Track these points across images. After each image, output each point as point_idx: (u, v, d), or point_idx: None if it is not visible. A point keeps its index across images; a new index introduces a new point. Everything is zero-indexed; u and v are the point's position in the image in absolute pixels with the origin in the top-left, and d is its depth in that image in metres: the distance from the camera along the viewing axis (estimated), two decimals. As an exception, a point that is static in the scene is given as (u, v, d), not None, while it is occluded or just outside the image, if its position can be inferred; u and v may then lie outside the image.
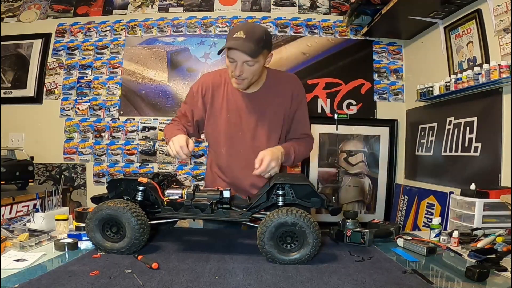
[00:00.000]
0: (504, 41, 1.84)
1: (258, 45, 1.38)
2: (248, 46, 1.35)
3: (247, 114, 1.56)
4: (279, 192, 1.22)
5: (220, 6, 3.07)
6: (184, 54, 3.02)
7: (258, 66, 1.44)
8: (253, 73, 1.45)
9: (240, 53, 1.37)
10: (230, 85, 1.57)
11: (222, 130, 1.57)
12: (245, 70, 1.42)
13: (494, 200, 1.48)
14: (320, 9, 3.05)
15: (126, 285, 0.89)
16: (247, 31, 1.37)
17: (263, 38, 1.40)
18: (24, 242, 1.17)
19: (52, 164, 3.02)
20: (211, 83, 1.60)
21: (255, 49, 1.37)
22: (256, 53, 1.38)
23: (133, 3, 3.10)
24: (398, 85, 2.98)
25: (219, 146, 1.60)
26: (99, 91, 3.03)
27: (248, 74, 1.44)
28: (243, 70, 1.42)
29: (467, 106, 2.12)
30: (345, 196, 2.92)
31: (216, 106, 1.58)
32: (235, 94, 1.57)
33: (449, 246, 1.31)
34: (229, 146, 1.58)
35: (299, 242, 1.10)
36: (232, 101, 1.57)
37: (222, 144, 1.59)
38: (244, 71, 1.42)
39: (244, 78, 1.45)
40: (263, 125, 1.56)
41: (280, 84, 1.59)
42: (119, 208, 1.11)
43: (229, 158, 1.59)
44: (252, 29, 1.40)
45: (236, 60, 1.40)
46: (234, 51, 1.38)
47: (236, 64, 1.41)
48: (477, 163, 2.01)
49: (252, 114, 1.56)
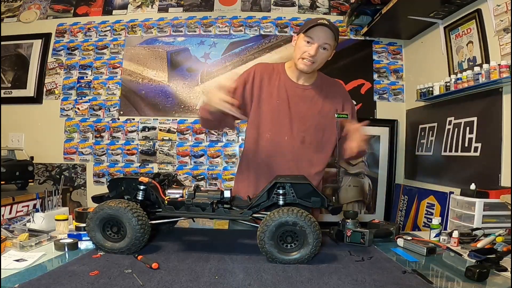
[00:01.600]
0: (504, 41, 1.84)
1: (337, 33, 1.52)
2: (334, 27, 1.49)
3: (297, 103, 1.60)
4: (279, 192, 1.22)
5: (220, 6, 3.07)
6: (184, 54, 3.02)
7: (328, 54, 1.54)
8: (323, 59, 1.54)
9: (324, 33, 1.47)
10: (283, 75, 1.63)
11: (269, 115, 1.59)
12: (318, 53, 1.50)
13: (494, 200, 1.48)
14: (320, 9, 3.05)
15: (126, 285, 0.89)
16: (328, 21, 1.49)
17: (338, 31, 1.53)
18: (24, 242, 1.17)
19: (52, 164, 3.02)
20: (263, 71, 1.64)
21: (336, 34, 1.50)
22: (336, 36, 1.50)
23: (133, 3, 3.10)
24: (398, 85, 2.98)
25: (264, 130, 1.60)
26: (99, 91, 3.03)
27: (319, 58, 1.52)
28: (318, 52, 1.50)
29: (467, 106, 2.12)
30: (345, 196, 2.92)
31: (267, 92, 1.61)
32: (288, 84, 1.62)
33: (449, 246, 1.31)
34: (275, 132, 1.59)
35: (300, 241, 1.10)
36: (284, 90, 1.61)
37: (268, 129, 1.60)
38: (317, 53, 1.50)
39: (314, 62, 1.52)
40: (312, 117, 1.60)
41: (330, 86, 1.69)
42: (120, 208, 1.12)
43: (273, 143, 1.59)
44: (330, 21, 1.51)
45: (315, 41, 1.49)
46: (319, 30, 1.47)
47: (313, 45, 1.49)
48: (477, 163, 2.01)
49: (302, 104, 1.60)
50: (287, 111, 1.59)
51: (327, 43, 1.50)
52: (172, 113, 2.99)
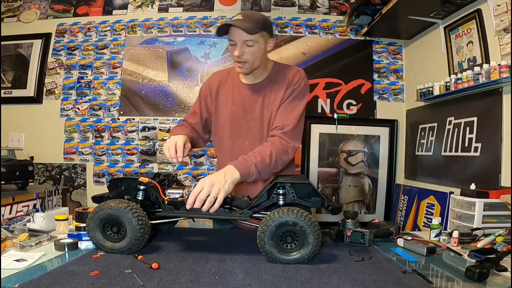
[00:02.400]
0: (504, 41, 1.84)
1: (256, 25, 1.40)
2: (245, 24, 1.38)
3: (251, 105, 1.55)
4: (279, 192, 1.22)
5: (220, 6, 3.07)
6: (184, 54, 3.02)
7: (258, 48, 1.44)
8: (253, 55, 1.44)
9: (238, 31, 1.39)
10: (236, 79, 1.58)
11: (227, 123, 1.57)
12: (245, 52, 1.43)
13: (494, 200, 1.48)
14: (320, 9, 3.05)
15: (126, 285, 0.89)
16: (245, 14, 1.43)
17: (261, 20, 1.43)
18: (24, 242, 1.17)
19: (52, 164, 3.02)
20: (218, 80, 1.62)
21: (252, 27, 1.39)
22: (253, 30, 1.39)
23: (133, 3, 3.10)
24: (398, 85, 2.98)
25: (224, 139, 1.59)
26: (99, 91, 3.03)
27: (249, 56, 1.44)
28: (243, 51, 1.43)
29: (467, 106, 2.12)
30: (345, 196, 2.92)
31: (222, 100, 1.59)
32: (240, 87, 1.57)
33: (449, 246, 1.31)
34: (234, 139, 1.57)
35: (300, 241, 1.10)
36: (237, 94, 1.57)
37: (227, 137, 1.58)
38: (244, 52, 1.43)
39: (245, 61, 1.45)
40: (266, 116, 1.54)
41: (281, 75, 1.57)
42: (120, 208, 1.12)
43: (235, 151, 1.56)
44: (251, 13, 1.46)
45: (236, 41, 1.42)
46: (232, 31, 1.41)
47: (236, 46, 1.43)
48: (477, 163, 2.01)
49: (256, 105, 1.55)
50: (243, 115, 1.55)
51: (247, 40, 1.41)
52: (172, 113, 2.99)
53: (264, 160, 1.34)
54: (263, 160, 1.34)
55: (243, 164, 1.30)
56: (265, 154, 1.35)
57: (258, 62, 1.49)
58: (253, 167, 1.30)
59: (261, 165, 1.33)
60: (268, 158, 1.35)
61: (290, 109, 1.49)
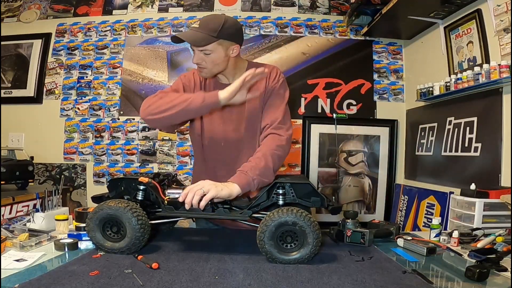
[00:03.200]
0: (504, 41, 1.84)
1: (210, 34, 1.36)
2: (195, 35, 1.36)
3: (228, 105, 1.49)
4: (279, 191, 1.22)
5: (220, 6, 3.07)
6: (184, 54, 3.02)
7: (216, 56, 1.41)
8: (212, 62, 1.42)
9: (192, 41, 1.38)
10: (212, 78, 1.55)
11: (205, 122, 1.54)
12: (204, 59, 1.41)
13: (494, 200, 1.48)
14: (320, 9, 3.05)
15: (126, 285, 0.89)
16: (202, 21, 1.39)
17: (219, 28, 1.38)
18: (24, 242, 1.17)
19: (52, 164, 3.02)
20: (192, 78, 1.57)
21: (203, 38, 1.36)
22: (203, 42, 1.36)
23: (133, 3, 3.10)
24: (398, 85, 2.98)
25: (201, 139, 1.56)
26: (99, 91, 3.03)
27: (208, 64, 1.42)
28: (202, 59, 1.41)
29: (467, 106, 2.12)
30: (345, 196, 2.92)
31: None
32: (217, 86, 1.52)
33: (449, 246, 1.31)
34: (210, 139, 1.54)
35: (299, 241, 1.10)
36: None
37: (204, 136, 1.55)
38: (201, 59, 1.42)
39: (204, 67, 1.44)
40: (242, 115, 1.52)
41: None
42: (120, 208, 1.12)
43: (211, 151, 1.55)
44: (209, 20, 1.40)
45: (195, 49, 1.41)
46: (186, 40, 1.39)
47: (195, 53, 1.42)
48: (477, 163, 2.01)
49: (232, 105, 1.49)
50: (220, 115, 1.52)
51: (201, 49, 1.38)
52: (172, 113, 2.99)
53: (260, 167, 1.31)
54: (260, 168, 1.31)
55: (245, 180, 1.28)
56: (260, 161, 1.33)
57: (220, 68, 1.47)
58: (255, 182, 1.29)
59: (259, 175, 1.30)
60: (264, 162, 1.33)
61: (274, 106, 1.49)
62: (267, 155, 1.36)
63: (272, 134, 1.44)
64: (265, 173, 1.32)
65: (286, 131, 1.46)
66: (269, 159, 1.35)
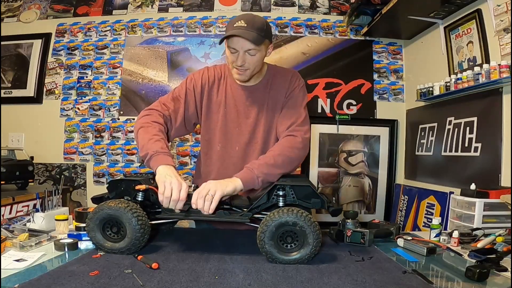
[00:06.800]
0: (504, 41, 1.84)
1: (260, 33, 1.35)
2: (250, 33, 1.32)
3: (245, 108, 1.50)
4: (279, 193, 1.22)
5: (220, 6, 3.07)
6: (184, 54, 3.02)
7: (260, 56, 1.40)
8: (255, 64, 1.40)
9: (243, 41, 1.33)
10: (230, 79, 1.53)
11: (218, 125, 1.52)
12: (247, 60, 1.39)
13: (494, 200, 1.48)
14: (320, 9, 3.05)
15: (126, 285, 0.89)
16: (247, 20, 1.35)
17: (264, 27, 1.38)
18: (24, 242, 1.17)
19: (52, 164, 3.01)
20: (212, 76, 1.54)
21: (258, 37, 1.34)
22: (259, 40, 1.34)
23: (133, 3, 3.10)
24: (398, 85, 2.98)
25: (214, 142, 1.54)
26: (99, 91, 3.03)
27: (251, 65, 1.40)
28: (245, 60, 1.38)
29: (467, 106, 2.12)
30: (345, 196, 2.92)
31: (214, 101, 1.53)
32: (234, 88, 1.52)
33: (449, 246, 1.31)
34: (224, 143, 1.52)
35: (300, 242, 1.10)
36: (231, 96, 1.52)
37: (217, 140, 1.53)
38: (246, 61, 1.39)
39: (247, 69, 1.40)
40: (260, 121, 1.50)
41: (278, 77, 1.53)
42: (120, 208, 1.12)
43: (224, 155, 1.52)
44: (253, 18, 1.37)
45: (238, 50, 1.37)
46: (235, 40, 1.35)
47: (238, 54, 1.37)
48: (477, 163, 2.01)
49: (250, 108, 1.50)
50: (236, 119, 1.50)
51: (250, 49, 1.36)
52: (172, 113, 2.99)
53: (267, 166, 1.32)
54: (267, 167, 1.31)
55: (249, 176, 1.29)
56: (268, 159, 1.34)
57: (258, 69, 1.46)
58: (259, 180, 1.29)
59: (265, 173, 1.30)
60: (273, 161, 1.33)
61: (293, 108, 1.48)
62: (277, 155, 1.36)
63: (288, 136, 1.43)
64: (271, 173, 1.32)
65: (304, 134, 1.44)
66: (278, 159, 1.34)
